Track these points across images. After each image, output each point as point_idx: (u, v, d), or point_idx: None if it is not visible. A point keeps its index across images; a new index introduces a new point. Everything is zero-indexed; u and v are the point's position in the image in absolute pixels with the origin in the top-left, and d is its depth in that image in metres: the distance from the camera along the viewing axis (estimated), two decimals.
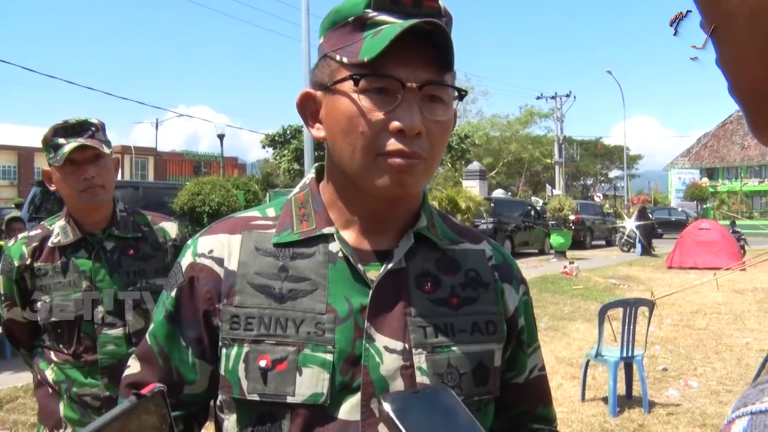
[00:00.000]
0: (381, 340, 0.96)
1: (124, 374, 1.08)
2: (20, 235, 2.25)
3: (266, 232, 1.03)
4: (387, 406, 0.76)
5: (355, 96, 0.93)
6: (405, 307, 0.98)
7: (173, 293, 1.03)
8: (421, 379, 0.96)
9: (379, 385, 0.94)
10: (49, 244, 2.18)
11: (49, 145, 2.14)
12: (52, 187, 2.22)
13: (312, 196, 1.06)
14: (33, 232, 2.24)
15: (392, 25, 0.91)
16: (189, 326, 1.01)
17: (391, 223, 1.03)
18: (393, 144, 0.92)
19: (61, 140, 2.12)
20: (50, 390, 2.17)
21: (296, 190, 1.09)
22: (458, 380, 0.98)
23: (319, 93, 1.00)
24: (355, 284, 0.98)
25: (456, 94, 0.99)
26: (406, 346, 0.96)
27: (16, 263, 2.17)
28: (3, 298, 2.22)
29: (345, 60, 0.94)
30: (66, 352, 2.14)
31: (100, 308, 2.14)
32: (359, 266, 0.98)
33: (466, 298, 1.03)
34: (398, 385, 0.95)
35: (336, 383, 0.94)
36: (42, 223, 2.31)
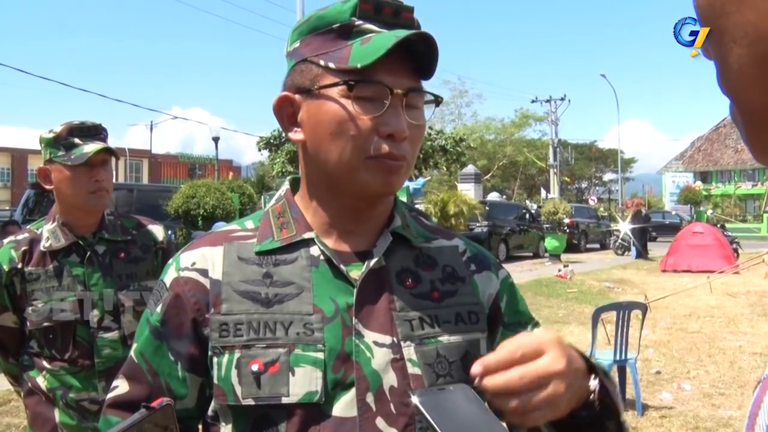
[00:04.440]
0: (370, 336, 0.98)
1: (109, 395, 1.07)
2: (6, 240, 2.22)
3: (247, 242, 1.05)
4: (416, 399, 0.82)
5: (344, 101, 0.96)
6: (389, 302, 1.01)
7: (158, 309, 1.04)
8: (412, 370, 0.98)
9: (372, 379, 0.96)
10: (41, 248, 2.15)
11: (62, 142, 2.13)
12: (49, 186, 2.19)
13: (289, 206, 1.08)
14: (20, 236, 2.21)
15: (382, 34, 0.96)
16: (176, 340, 1.02)
17: (368, 224, 1.06)
18: (384, 148, 0.97)
19: (77, 140, 2.14)
20: (43, 397, 2.14)
21: (272, 202, 1.12)
22: (448, 369, 1.00)
23: (297, 96, 1.02)
24: (339, 284, 1.00)
25: (432, 99, 1.05)
26: (395, 339, 0.99)
27: (5, 268, 2.14)
28: None
29: (332, 65, 0.97)
30: (60, 357, 2.12)
31: (95, 312, 2.13)
32: (342, 266, 1.01)
33: (446, 291, 1.06)
34: (391, 378, 0.97)
35: (329, 380, 0.95)
36: (28, 227, 2.29)
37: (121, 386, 1.05)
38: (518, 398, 0.81)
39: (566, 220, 22.41)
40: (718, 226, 22.00)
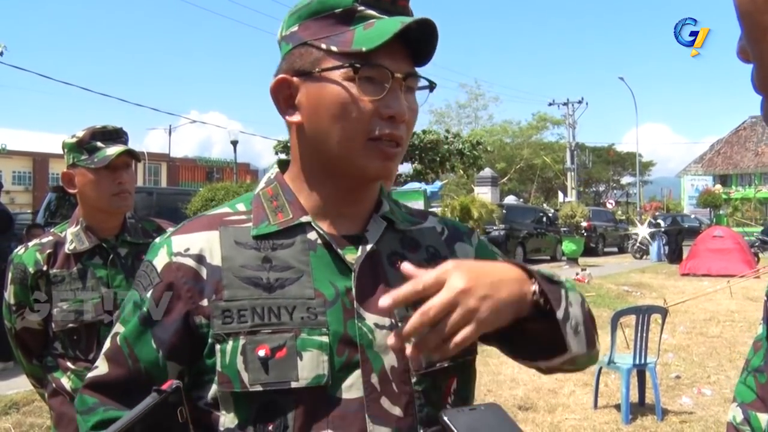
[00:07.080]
0: (370, 318, 1.00)
1: (89, 374, 1.06)
2: (31, 243, 2.26)
3: (242, 226, 1.04)
4: (447, 420, 0.85)
5: (347, 83, 0.98)
6: (384, 285, 1.02)
7: (148, 294, 1.01)
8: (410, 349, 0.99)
9: (375, 361, 0.99)
10: (66, 250, 2.19)
11: (85, 146, 2.17)
12: (73, 190, 2.23)
13: (282, 189, 1.09)
14: (44, 239, 2.25)
15: (386, 20, 0.99)
16: (162, 328, 1.00)
17: (359, 207, 1.09)
18: (385, 129, 0.99)
19: (100, 144, 2.17)
20: (67, 398, 2.17)
21: (262, 185, 1.11)
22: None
23: (296, 79, 1.03)
24: (337, 268, 1.02)
25: (426, 84, 1.07)
26: (393, 321, 1.01)
27: (31, 270, 2.17)
28: (15, 307, 2.20)
29: (334, 48, 0.99)
30: (84, 358, 2.15)
31: (118, 313, 2.16)
32: (339, 251, 1.03)
33: None
34: (391, 358, 0.99)
35: (335, 363, 0.97)
36: (52, 230, 2.33)
37: (101, 367, 1.04)
38: (434, 331, 0.86)
39: (584, 224, 22.31)
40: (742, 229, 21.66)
